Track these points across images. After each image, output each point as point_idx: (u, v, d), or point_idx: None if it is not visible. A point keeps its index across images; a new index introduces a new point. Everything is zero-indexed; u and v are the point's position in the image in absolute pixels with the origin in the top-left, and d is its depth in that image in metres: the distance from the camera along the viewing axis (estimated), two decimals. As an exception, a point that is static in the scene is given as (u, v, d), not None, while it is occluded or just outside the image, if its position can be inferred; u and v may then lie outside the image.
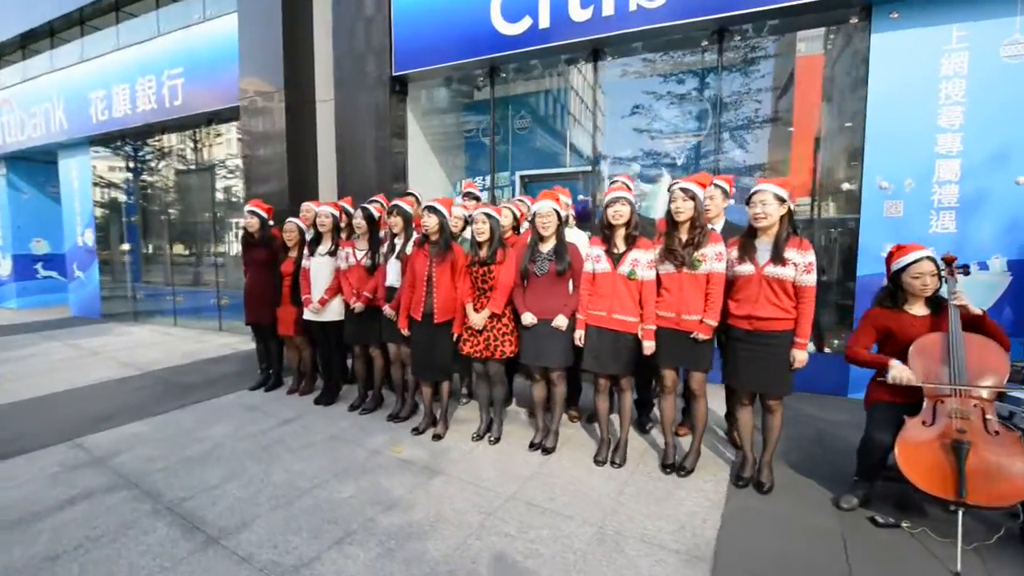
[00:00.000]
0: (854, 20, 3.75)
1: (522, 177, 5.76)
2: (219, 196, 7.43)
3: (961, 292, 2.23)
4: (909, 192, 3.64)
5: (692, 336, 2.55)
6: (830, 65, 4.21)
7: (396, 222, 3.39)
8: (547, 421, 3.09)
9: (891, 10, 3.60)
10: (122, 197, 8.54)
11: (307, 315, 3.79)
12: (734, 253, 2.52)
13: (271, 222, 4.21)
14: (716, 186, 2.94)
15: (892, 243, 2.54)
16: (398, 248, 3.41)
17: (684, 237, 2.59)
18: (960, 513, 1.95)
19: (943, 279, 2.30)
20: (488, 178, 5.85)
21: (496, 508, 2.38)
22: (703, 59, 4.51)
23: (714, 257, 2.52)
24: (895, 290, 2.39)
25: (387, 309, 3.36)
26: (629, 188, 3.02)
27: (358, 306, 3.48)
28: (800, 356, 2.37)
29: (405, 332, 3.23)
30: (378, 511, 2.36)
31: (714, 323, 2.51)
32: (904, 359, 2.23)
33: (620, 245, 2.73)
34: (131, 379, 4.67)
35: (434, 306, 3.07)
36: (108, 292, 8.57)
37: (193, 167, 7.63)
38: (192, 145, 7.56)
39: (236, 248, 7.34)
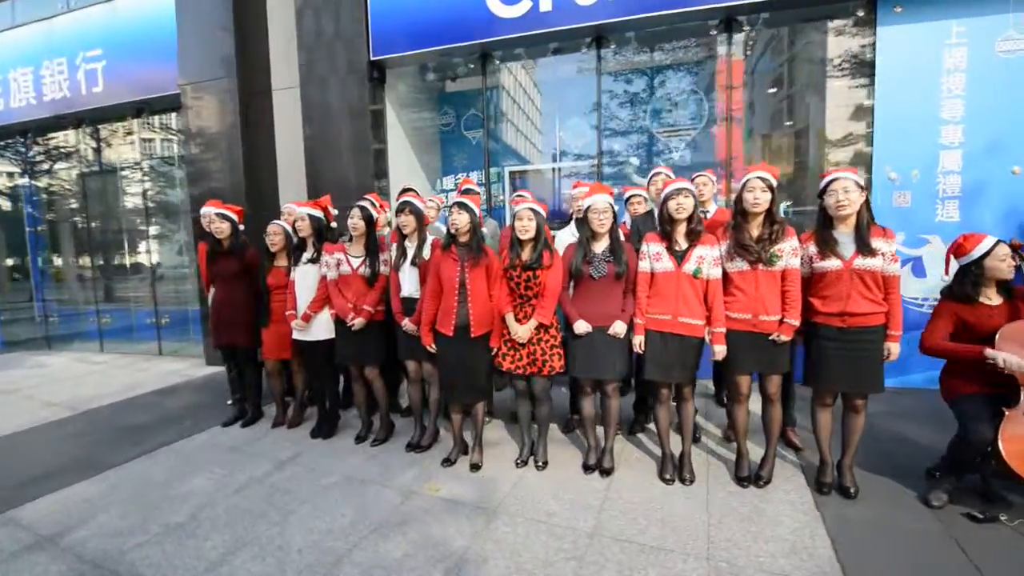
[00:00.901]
0: (860, 12, 3.78)
1: (511, 173, 5.44)
2: (151, 198, 6.42)
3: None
4: (915, 183, 3.73)
5: (771, 338, 2.37)
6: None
7: (408, 222, 2.93)
8: (594, 439, 2.79)
9: (895, 4, 3.68)
10: (22, 203, 7.19)
11: (295, 334, 3.24)
12: (812, 248, 2.36)
13: (241, 226, 3.58)
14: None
15: (902, 232, 2.50)
16: (411, 253, 2.96)
17: (756, 232, 2.39)
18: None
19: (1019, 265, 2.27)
20: (471, 174, 5.49)
21: (584, 551, 2.05)
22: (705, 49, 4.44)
23: (791, 252, 2.35)
24: (971, 279, 2.33)
25: (408, 324, 2.91)
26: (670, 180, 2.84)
27: (359, 322, 2.99)
28: (895, 350, 2.25)
29: (431, 349, 2.80)
30: (446, 571, 1.95)
31: (797, 323, 2.34)
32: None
33: (682, 241, 2.49)
34: (65, 423, 3.81)
35: (470, 317, 2.67)
36: (9, 315, 7.18)
37: (116, 166, 6.54)
38: (115, 140, 6.47)
39: (172, 257, 6.42)
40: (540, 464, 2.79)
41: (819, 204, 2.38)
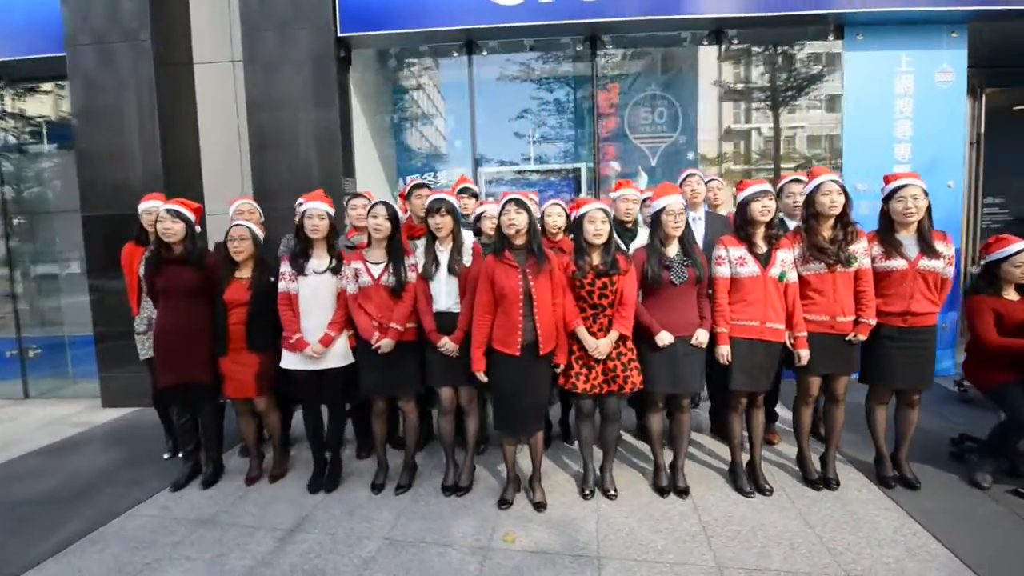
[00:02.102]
0: (831, 37, 4.15)
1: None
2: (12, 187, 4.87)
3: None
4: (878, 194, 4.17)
5: (848, 339, 2.39)
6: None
7: (444, 223, 2.46)
8: (662, 458, 2.61)
9: (857, 32, 4.09)
10: None
11: (291, 363, 2.56)
12: (877, 248, 2.43)
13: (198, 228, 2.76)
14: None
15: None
16: (446, 259, 2.51)
17: (829, 233, 2.40)
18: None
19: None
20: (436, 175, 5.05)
21: (726, 591, 1.83)
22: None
23: (863, 253, 2.40)
24: (988, 278, 2.59)
25: (449, 343, 2.44)
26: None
27: (386, 344, 2.46)
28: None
29: (482, 376, 2.37)
30: (596, 647, 1.59)
31: (874, 322, 2.38)
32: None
33: (762, 244, 2.42)
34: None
35: (538, 332, 2.31)
36: None
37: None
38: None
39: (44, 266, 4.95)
40: (612, 493, 2.51)
41: (882, 207, 2.46)
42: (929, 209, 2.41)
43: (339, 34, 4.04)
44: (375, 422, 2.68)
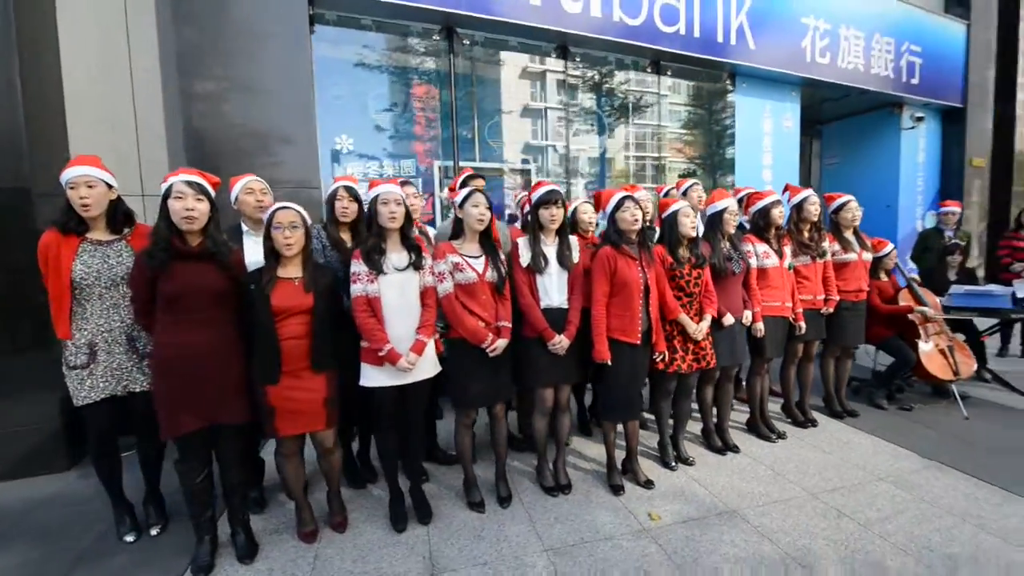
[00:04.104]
0: (727, 83, 5.29)
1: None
2: None
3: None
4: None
5: (822, 312, 3.22)
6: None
7: (558, 215, 2.42)
8: (709, 422, 3.06)
9: (741, 81, 5.34)
10: None
11: (376, 379, 2.14)
12: (836, 245, 3.33)
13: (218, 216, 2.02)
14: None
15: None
16: (553, 252, 2.47)
17: (807, 235, 3.20)
18: (954, 386, 3.48)
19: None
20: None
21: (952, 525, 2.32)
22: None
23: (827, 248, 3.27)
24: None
25: (564, 341, 2.39)
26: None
27: (501, 344, 2.29)
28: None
29: (607, 361, 2.40)
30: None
31: (838, 298, 3.26)
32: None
33: (774, 242, 3.07)
34: None
35: (651, 322, 2.49)
36: None
37: None
38: None
39: None
40: (691, 460, 2.84)
41: (832, 216, 3.38)
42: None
43: None
44: (465, 435, 2.43)
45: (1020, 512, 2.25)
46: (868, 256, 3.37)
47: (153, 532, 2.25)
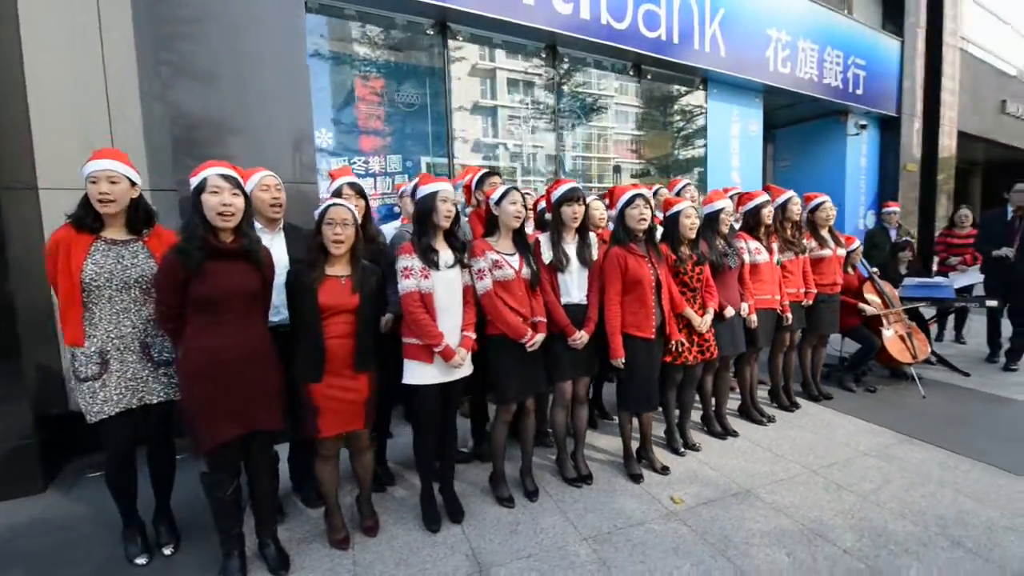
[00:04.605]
0: (700, 88, 5.56)
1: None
2: None
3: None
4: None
5: (803, 304, 3.49)
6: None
7: (580, 212, 2.48)
8: (709, 408, 3.24)
9: (713, 87, 5.62)
10: None
11: (424, 377, 2.12)
12: (813, 242, 3.61)
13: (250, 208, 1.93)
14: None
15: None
16: (573, 250, 2.53)
17: (790, 232, 3.45)
18: (914, 369, 3.87)
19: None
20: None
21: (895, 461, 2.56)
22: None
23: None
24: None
25: (584, 336, 2.45)
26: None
27: (539, 339, 2.34)
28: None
29: (620, 362, 2.50)
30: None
31: (816, 291, 3.53)
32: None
33: (763, 239, 3.29)
34: None
35: (664, 316, 2.61)
36: None
37: None
38: None
39: None
40: (698, 445, 3.00)
41: (809, 215, 3.66)
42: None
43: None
44: (503, 431, 2.45)
45: (986, 477, 2.56)
46: (842, 252, 3.68)
47: (167, 552, 2.11)
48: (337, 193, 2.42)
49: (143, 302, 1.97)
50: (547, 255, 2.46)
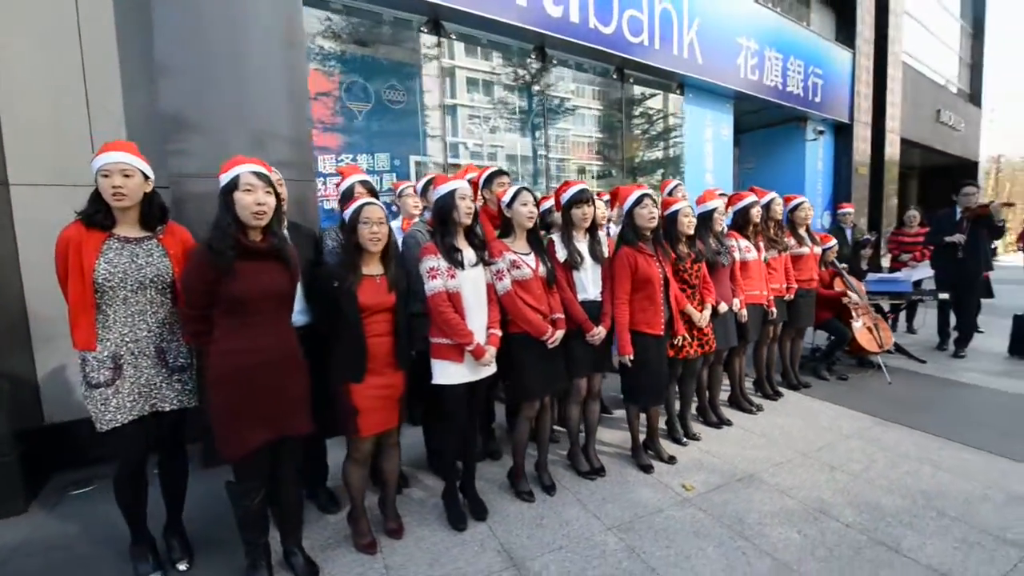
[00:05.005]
0: (677, 92, 5.77)
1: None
2: None
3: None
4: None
5: (786, 298, 3.71)
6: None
7: (590, 212, 2.52)
8: (704, 399, 3.40)
9: (689, 91, 5.85)
10: None
11: (453, 376, 2.12)
12: (792, 240, 3.84)
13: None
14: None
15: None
16: (586, 248, 2.60)
17: (772, 231, 3.67)
18: (880, 358, 4.19)
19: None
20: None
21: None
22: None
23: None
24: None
25: (602, 331, 2.52)
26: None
27: (559, 335, 2.38)
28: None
29: (627, 360, 2.58)
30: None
31: (796, 286, 3.76)
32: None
33: (752, 238, 3.48)
34: None
35: (672, 313, 2.72)
36: None
37: None
38: None
39: None
40: (698, 436, 3.13)
41: (788, 214, 3.89)
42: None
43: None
44: (525, 427, 2.48)
45: (956, 454, 2.83)
46: (818, 250, 3.93)
47: (181, 567, 2.01)
48: (349, 191, 2.38)
49: (159, 303, 1.88)
50: (562, 254, 2.51)
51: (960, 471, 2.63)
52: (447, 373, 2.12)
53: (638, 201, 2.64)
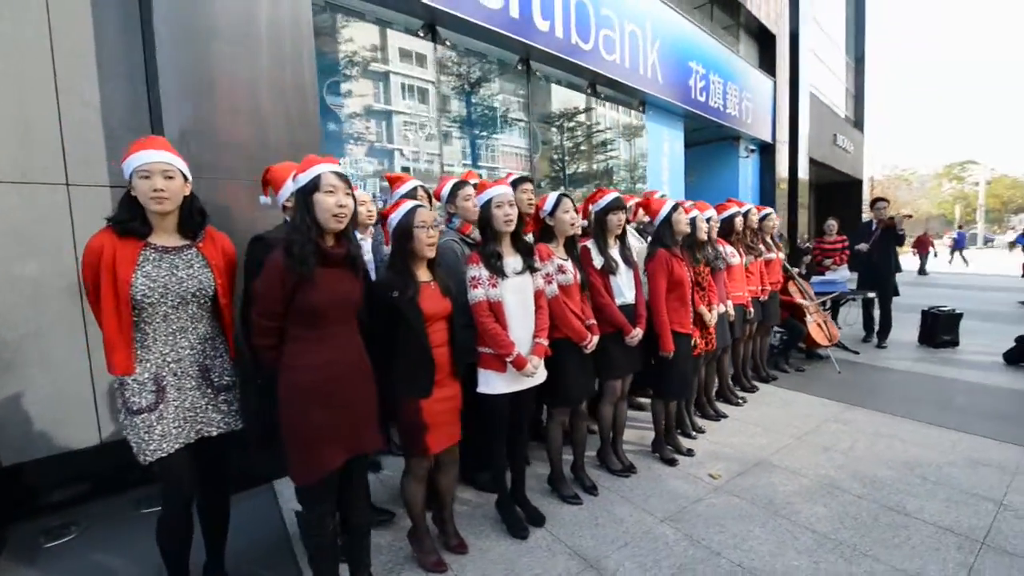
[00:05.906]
0: (640, 108, 6.14)
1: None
2: None
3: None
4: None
5: (762, 300, 4.11)
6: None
7: (622, 219, 2.65)
8: (702, 395, 3.65)
9: (650, 109, 6.27)
10: None
11: (497, 386, 2.10)
12: (762, 246, 4.27)
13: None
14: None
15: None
16: (618, 253, 2.71)
17: (750, 239, 4.06)
18: (830, 350, 4.75)
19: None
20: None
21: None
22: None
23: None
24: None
25: (639, 333, 2.64)
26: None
27: (596, 340, 2.46)
28: (786, 299, 4.51)
29: (670, 353, 2.73)
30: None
31: (769, 288, 4.18)
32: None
33: (735, 244, 3.82)
34: None
35: (697, 313, 2.93)
36: None
37: None
38: None
39: None
40: (703, 430, 3.36)
41: (759, 222, 4.31)
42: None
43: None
44: (558, 431, 2.51)
45: (917, 429, 3.30)
46: (782, 255, 4.40)
47: (227, 613, 1.80)
48: (412, 195, 2.30)
49: (200, 319, 1.69)
50: (598, 260, 2.60)
51: (923, 443, 3.07)
52: (490, 383, 2.10)
53: (674, 208, 2.81)
